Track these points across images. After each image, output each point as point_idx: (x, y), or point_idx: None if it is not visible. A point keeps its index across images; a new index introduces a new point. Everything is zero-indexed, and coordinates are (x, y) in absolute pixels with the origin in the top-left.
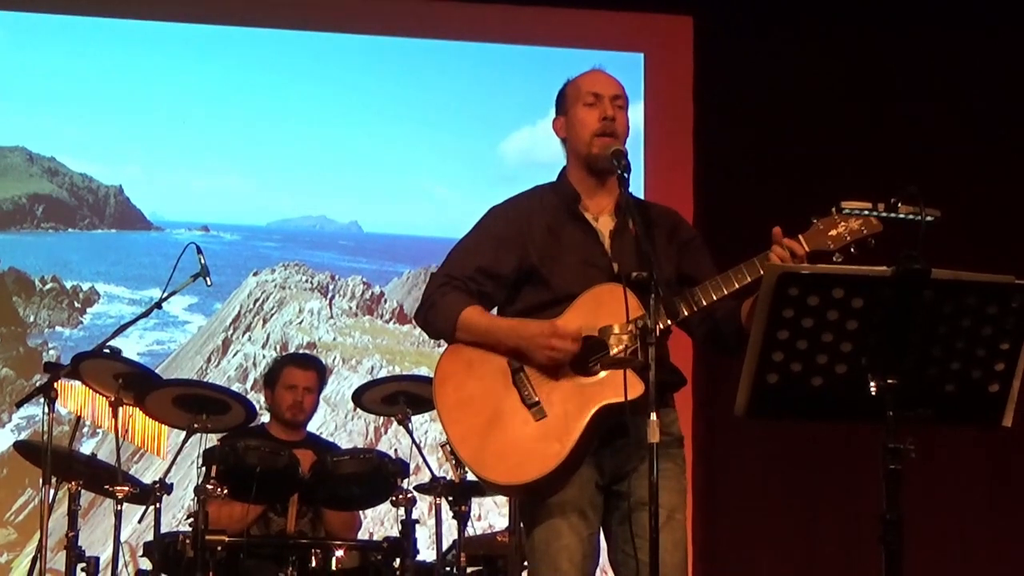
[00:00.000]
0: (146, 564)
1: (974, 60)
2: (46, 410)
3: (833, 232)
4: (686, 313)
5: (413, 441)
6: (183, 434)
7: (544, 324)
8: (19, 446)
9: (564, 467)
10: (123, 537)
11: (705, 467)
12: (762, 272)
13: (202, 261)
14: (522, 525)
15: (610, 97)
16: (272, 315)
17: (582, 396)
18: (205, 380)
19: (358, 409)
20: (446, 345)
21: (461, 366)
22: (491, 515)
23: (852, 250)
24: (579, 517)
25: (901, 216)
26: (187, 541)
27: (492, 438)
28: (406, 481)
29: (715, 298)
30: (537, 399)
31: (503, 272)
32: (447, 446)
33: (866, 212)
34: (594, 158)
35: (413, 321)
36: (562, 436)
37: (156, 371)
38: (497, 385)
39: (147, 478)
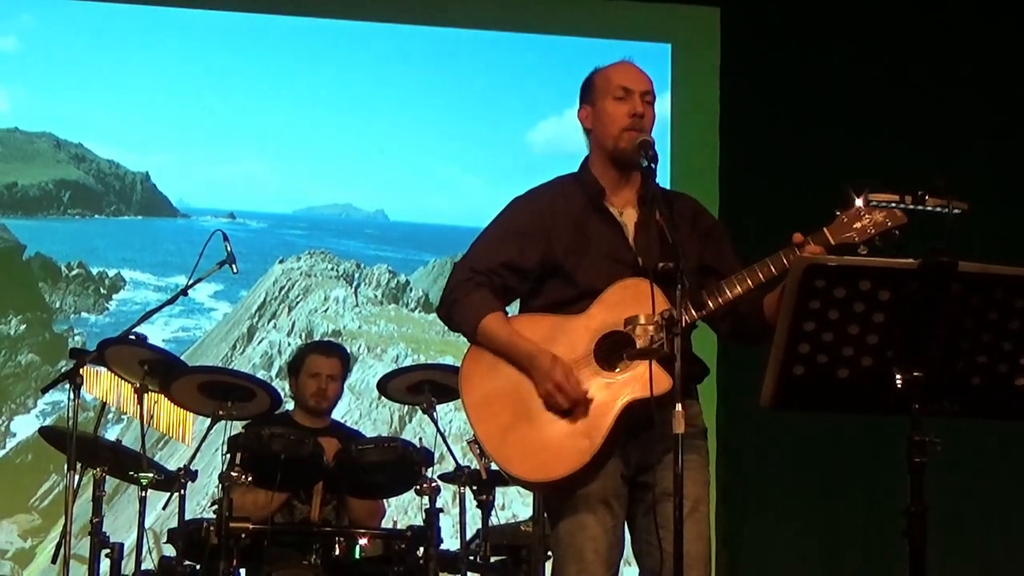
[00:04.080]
0: (170, 550)
1: (1007, 51)
2: (71, 396)
3: (858, 224)
4: (712, 307)
5: (438, 430)
6: (208, 421)
7: (555, 369)
8: (44, 432)
9: (593, 463)
10: (147, 523)
11: (729, 459)
12: (787, 265)
13: (228, 248)
14: (546, 516)
15: (640, 93)
16: (297, 303)
17: (609, 392)
18: (230, 367)
19: (383, 398)
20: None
21: (487, 363)
22: (515, 504)
23: (876, 242)
24: (605, 508)
25: (929, 208)
26: (211, 528)
27: (520, 435)
28: (430, 470)
29: (740, 291)
30: None
31: (527, 267)
32: (475, 443)
33: (893, 204)
34: (620, 152)
35: (437, 315)
36: (590, 433)
37: (181, 358)
38: (523, 382)
39: (172, 465)
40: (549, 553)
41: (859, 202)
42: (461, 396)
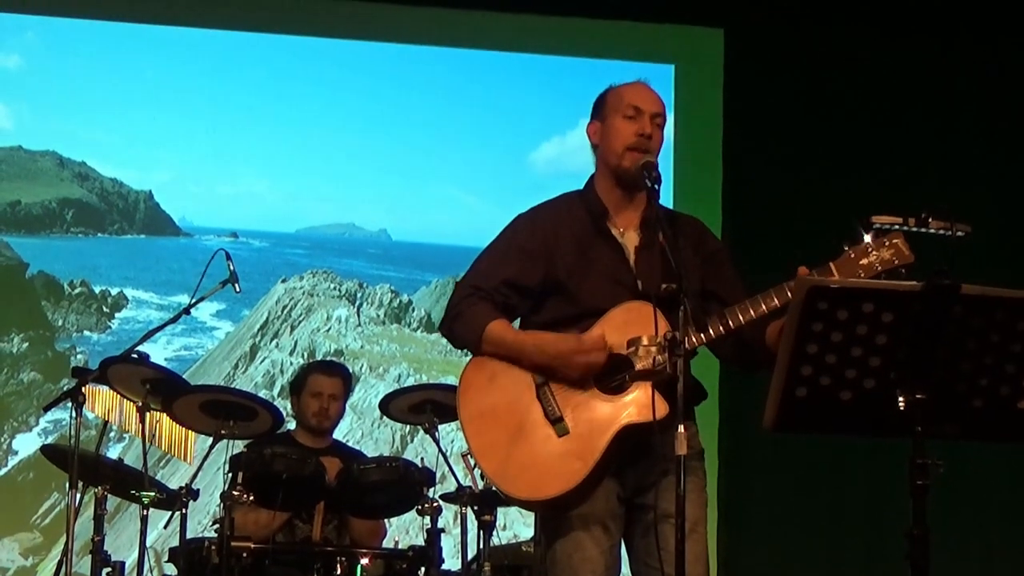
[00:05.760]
0: (171, 570)
1: (1010, 78)
2: (73, 414)
3: (864, 261)
4: (713, 333)
5: (439, 450)
6: (210, 440)
7: (570, 340)
8: (46, 450)
9: (585, 484)
10: (149, 542)
11: (731, 481)
12: (791, 296)
13: (231, 267)
14: (542, 537)
15: (651, 114)
16: (300, 322)
17: (606, 414)
18: (232, 386)
19: (384, 417)
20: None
21: (485, 377)
22: (516, 525)
23: (882, 279)
24: (601, 529)
25: (932, 231)
26: (213, 547)
27: (514, 452)
28: (432, 490)
29: (742, 321)
30: (560, 415)
31: (529, 284)
32: (468, 456)
33: (896, 227)
34: (623, 171)
35: (440, 332)
36: (584, 454)
37: (184, 377)
38: (521, 398)
39: (173, 484)
40: None
41: (867, 238)
42: (458, 408)
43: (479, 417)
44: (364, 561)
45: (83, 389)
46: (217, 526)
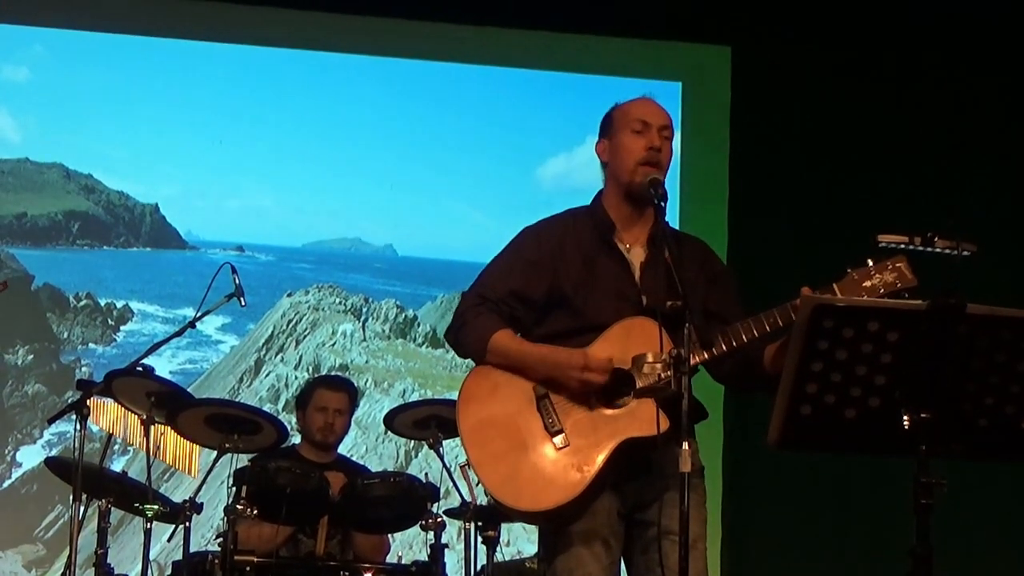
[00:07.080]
0: None
1: (1019, 93)
2: (78, 427)
3: (867, 283)
4: (716, 351)
5: (444, 465)
6: (214, 453)
7: (576, 355)
8: (50, 462)
9: (583, 497)
10: (152, 555)
11: (734, 498)
12: (794, 318)
13: (236, 281)
14: (542, 552)
15: (658, 127)
16: (305, 336)
17: (606, 428)
18: (237, 400)
19: (389, 432)
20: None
21: (486, 388)
22: (520, 541)
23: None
24: (601, 546)
25: (938, 250)
26: (216, 561)
27: (513, 463)
28: (436, 505)
29: (745, 340)
30: (560, 427)
31: (534, 297)
32: (468, 467)
33: (902, 246)
34: (636, 186)
35: (444, 341)
36: (583, 466)
37: (188, 390)
38: (521, 410)
39: (177, 497)
40: None
41: (870, 261)
42: (457, 419)
43: (479, 428)
44: None
45: (88, 402)
46: (221, 540)
